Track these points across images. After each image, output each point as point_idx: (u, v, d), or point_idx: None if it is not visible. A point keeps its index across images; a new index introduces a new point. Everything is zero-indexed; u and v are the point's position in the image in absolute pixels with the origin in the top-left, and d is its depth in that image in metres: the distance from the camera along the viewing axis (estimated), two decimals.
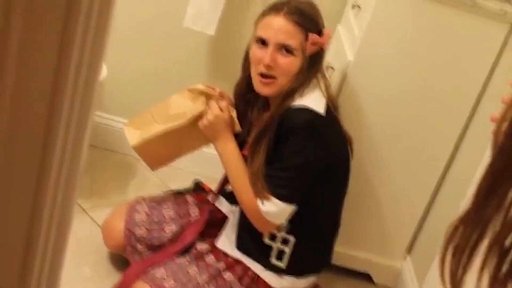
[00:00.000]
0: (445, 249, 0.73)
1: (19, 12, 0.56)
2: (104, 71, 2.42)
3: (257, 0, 2.15)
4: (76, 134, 0.67)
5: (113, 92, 2.76)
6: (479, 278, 0.71)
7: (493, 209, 0.69)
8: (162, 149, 2.14)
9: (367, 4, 2.25)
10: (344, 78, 2.27)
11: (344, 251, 2.50)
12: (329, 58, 2.55)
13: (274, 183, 1.95)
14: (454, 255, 0.73)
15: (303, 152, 1.96)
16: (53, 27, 0.58)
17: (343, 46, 2.40)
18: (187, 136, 2.10)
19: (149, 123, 2.11)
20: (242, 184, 2.01)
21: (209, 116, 2.04)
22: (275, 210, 1.96)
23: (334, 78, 2.36)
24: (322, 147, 1.99)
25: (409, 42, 2.19)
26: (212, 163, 2.24)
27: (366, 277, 2.58)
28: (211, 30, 2.60)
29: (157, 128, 2.08)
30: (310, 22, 1.99)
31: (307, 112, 1.95)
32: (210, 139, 2.09)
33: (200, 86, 2.09)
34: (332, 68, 2.43)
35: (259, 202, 1.96)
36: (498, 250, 0.69)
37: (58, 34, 0.58)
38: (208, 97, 2.08)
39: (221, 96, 2.10)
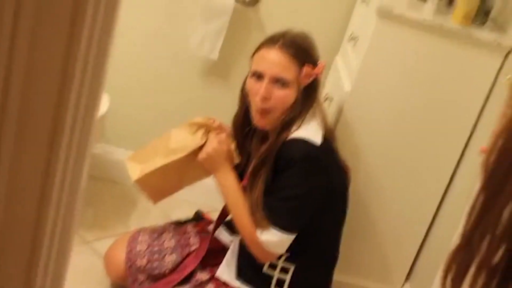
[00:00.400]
0: (444, 278, 0.76)
1: (23, 53, 0.59)
2: (105, 103, 2.46)
3: (257, 25, 2.19)
4: (75, 165, 0.70)
5: (115, 124, 2.80)
6: None
7: (483, 236, 0.72)
8: (163, 182, 2.18)
9: (364, 36, 2.30)
10: (341, 109, 2.31)
11: (344, 279, 2.52)
12: (328, 88, 2.59)
13: (274, 213, 1.98)
14: (453, 283, 0.75)
15: (302, 183, 1.98)
16: (54, 63, 0.62)
17: (340, 77, 2.44)
18: (188, 169, 2.14)
19: (150, 157, 2.14)
20: (241, 215, 2.04)
21: (208, 149, 2.07)
22: (275, 240, 1.98)
23: (332, 109, 2.40)
24: (320, 177, 2.02)
25: (405, 73, 2.23)
26: (213, 193, 2.27)
27: None
28: (214, 55, 2.66)
29: (158, 162, 2.12)
30: (305, 54, 2.03)
31: (304, 143, 1.98)
32: (210, 171, 2.11)
33: (199, 119, 2.12)
34: (329, 99, 2.47)
35: (258, 232, 1.98)
36: (486, 270, 0.71)
37: (59, 70, 0.62)
38: (207, 129, 2.11)
39: (220, 128, 2.13)
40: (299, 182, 1.98)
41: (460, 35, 2.17)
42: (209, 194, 2.48)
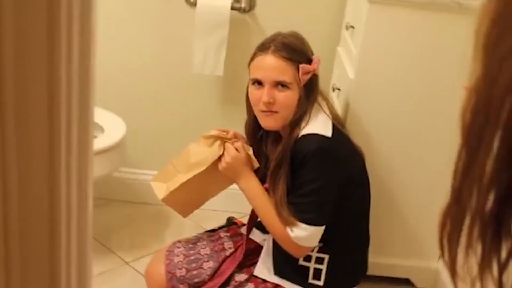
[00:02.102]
0: (441, 236, 0.81)
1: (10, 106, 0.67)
2: (123, 128, 2.56)
3: (256, 29, 2.28)
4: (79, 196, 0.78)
5: (136, 148, 2.90)
6: (467, 254, 0.80)
7: (471, 188, 0.77)
8: (189, 197, 2.26)
9: (359, 23, 2.36)
10: (348, 97, 2.38)
11: (382, 261, 2.59)
12: (334, 79, 2.67)
13: (299, 209, 2.04)
14: (449, 242, 0.81)
15: (320, 176, 2.04)
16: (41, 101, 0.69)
17: (344, 67, 2.50)
18: (210, 180, 2.21)
19: (172, 174, 2.22)
20: (270, 216, 2.10)
21: (227, 158, 2.13)
22: (305, 235, 2.04)
23: (340, 98, 2.47)
24: (337, 166, 2.08)
25: (405, 53, 2.29)
26: (241, 199, 2.35)
27: (407, 282, 2.66)
28: (219, 71, 2.73)
29: (181, 178, 2.19)
30: (298, 54, 2.08)
31: (316, 137, 2.04)
32: (232, 179, 2.19)
33: (214, 132, 2.19)
34: (338, 89, 2.54)
35: (288, 229, 2.04)
36: (480, 219, 0.77)
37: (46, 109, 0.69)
38: (223, 140, 2.19)
39: (235, 137, 2.20)
40: (317, 176, 2.04)
41: (451, 7, 2.23)
42: (237, 201, 2.56)
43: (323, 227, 2.06)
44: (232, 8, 2.70)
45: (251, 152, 2.20)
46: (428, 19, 2.25)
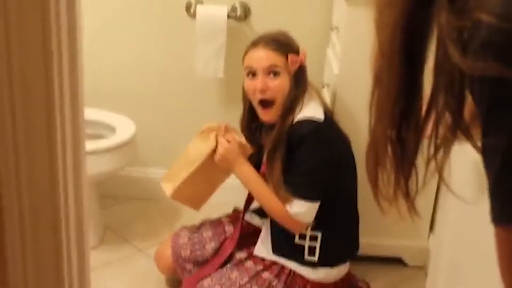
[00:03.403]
0: (374, 172, 0.97)
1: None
2: (132, 128, 2.81)
3: (252, 36, 2.48)
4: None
5: (147, 147, 3.16)
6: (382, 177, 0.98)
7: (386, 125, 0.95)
8: (195, 190, 2.47)
9: (342, 24, 2.60)
10: (335, 90, 2.60)
11: (374, 241, 2.77)
12: (325, 77, 2.89)
13: (295, 187, 2.24)
14: (369, 166, 0.97)
15: (314, 156, 2.25)
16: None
17: (331, 65, 2.74)
18: (211, 171, 2.41)
19: (176, 173, 2.45)
20: (266, 197, 2.31)
21: (220, 150, 2.34)
22: (303, 210, 2.25)
23: (329, 93, 2.69)
24: (329, 147, 2.29)
25: None
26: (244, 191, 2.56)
27: (399, 261, 2.84)
28: (220, 74, 2.99)
29: (183, 174, 2.41)
30: (286, 46, 2.32)
31: (309, 122, 2.25)
32: (228, 169, 2.40)
33: (205, 126, 2.42)
34: (327, 85, 2.77)
35: (287, 207, 2.24)
36: (387, 144, 0.92)
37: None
38: (216, 132, 2.39)
39: (226, 129, 2.43)
40: (312, 156, 2.24)
41: None
42: (242, 192, 2.77)
43: (318, 203, 2.26)
44: (229, 17, 2.95)
45: (243, 139, 2.42)
46: None
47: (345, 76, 2.57)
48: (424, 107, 0.88)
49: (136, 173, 3.23)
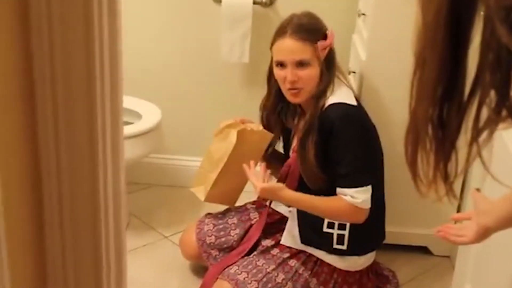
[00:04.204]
0: (414, 153, 0.95)
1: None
2: (158, 114, 2.81)
3: (278, 22, 2.47)
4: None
5: (172, 135, 3.15)
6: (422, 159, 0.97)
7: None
8: (227, 188, 2.49)
9: (369, 9, 2.57)
10: (362, 77, 2.58)
11: (400, 230, 2.76)
12: (350, 63, 2.87)
13: (352, 177, 2.21)
14: (408, 148, 0.96)
15: (356, 141, 2.23)
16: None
17: (358, 51, 2.71)
18: (238, 166, 2.39)
19: (205, 176, 2.47)
20: (322, 208, 2.27)
21: (257, 191, 2.26)
22: (367, 196, 2.22)
23: (355, 79, 2.67)
24: (366, 130, 2.29)
25: (410, 33, 2.47)
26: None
27: (424, 250, 2.83)
28: (245, 59, 2.98)
29: (212, 176, 2.43)
30: (314, 33, 2.28)
31: (343, 106, 2.23)
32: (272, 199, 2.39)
33: (222, 125, 2.43)
34: (353, 72, 2.75)
35: (351, 200, 2.20)
36: (428, 125, 0.91)
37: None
38: (233, 126, 2.40)
39: (242, 121, 2.43)
40: (353, 142, 2.22)
41: None
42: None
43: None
44: (254, 3, 2.94)
45: (261, 127, 2.42)
46: None
47: (372, 62, 2.55)
48: (469, 87, 0.87)
49: (160, 160, 3.23)
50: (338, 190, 2.24)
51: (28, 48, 0.87)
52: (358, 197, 2.21)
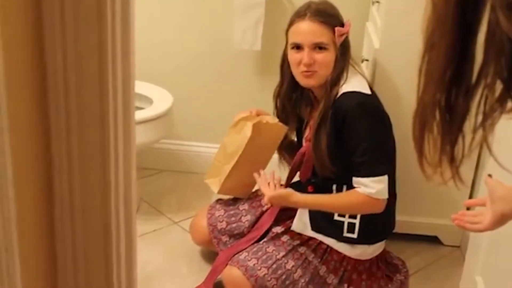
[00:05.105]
0: (421, 137, 0.95)
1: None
2: (169, 100, 2.81)
3: (291, 9, 2.46)
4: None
5: (184, 121, 3.15)
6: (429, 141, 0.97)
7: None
8: (241, 180, 2.48)
9: None
10: (375, 65, 2.57)
11: (411, 219, 2.76)
12: (364, 52, 2.86)
13: (368, 166, 2.19)
14: (416, 132, 0.98)
15: (371, 130, 2.20)
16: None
17: (371, 39, 2.70)
18: (252, 159, 2.41)
19: (219, 168, 2.47)
20: (337, 204, 2.27)
21: (266, 200, 2.28)
22: (383, 186, 2.19)
23: (368, 67, 2.66)
24: (381, 119, 2.26)
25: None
26: (280, 167, 2.55)
27: (434, 239, 2.82)
28: (257, 46, 2.97)
29: (227, 168, 2.43)
30: (332, 18, 2.27)
31: (357, 94, 2.21)
32: (283, 204, 2.37)
33: (237, 118, 2.43)
34: (366, 60, 2.73)
35: (366, 191, 2.18)
36: (436, 109, 0.93)
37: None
38: (248, 120, 2.40)
39: (258, 114, 2.41)
40: (368, 130, 2.19)
41: None
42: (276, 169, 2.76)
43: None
44: None
45: (276, 120, 2.41)
46: None
47: (386, 51, 2.54)
48: (475, 74, 0.87)
49: (170, 145, 3.23)
50: (354, 179, 2.22)
51: (40, 31, 0.87)
52: (374, 186, 2.19)
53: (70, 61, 0.88)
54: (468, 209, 2.12)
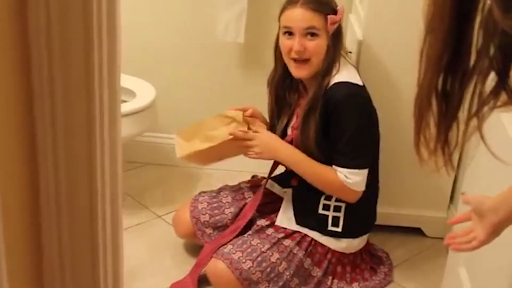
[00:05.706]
0: (419, 121, 0.99)
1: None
2: (152, 93, 2.79)
3: (275, 4, 2.45)
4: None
5: (167, 114, 3.13)
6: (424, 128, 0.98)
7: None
8: (204, 159, 2.52)
9: None
10: (358, 57, 2.56)
11: (393, 211, 2.75)
12: (347, 44, 2.85)
13: (349, 157, 2.21)
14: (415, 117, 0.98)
15: (358, 122, 2.22)
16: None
17: (354, 31, 2.69)
18: (221, 152, 2.43)
19: (192, 137, 2.44)
20: (319, 173, 2.27)
21: (256, 150, 2.32)
22: (360, 179, 2.23)
23: (352, 59, 2.65)
24: (369, 111, 2.28)
25: (407, 12, 2.44)
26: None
27: (418, 231, 2.82)
28: (240, 39, 2.95)
29: (196, 145, 2.41)
30: (325, 5, 2.25)
31: (348, 85, 2.21)
32: (272, 157, 2.38)
33: (233, 112, 2.40)
34: (350, 52, 2.73)
35: (343, 178, 2.21)
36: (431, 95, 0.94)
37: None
38: (242, 122, 2.38)
39: (252, 115, 2.41)
40: (355, 122, 2.21)
41: None
42: (262, 162, 2.75)
43: (367, 170, 2.24)
44: None
45: (265, 128, 2.42)
46: None
47: (369, 42, 2.53)
48: (471, 63, 0.89)
49: (154, 138, 3.21)
50: (334, 167, 2.24)
51: (25, 34, 0.86)
52: (351, 178, 2.21)
53: (56, 57, 0.87)
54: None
